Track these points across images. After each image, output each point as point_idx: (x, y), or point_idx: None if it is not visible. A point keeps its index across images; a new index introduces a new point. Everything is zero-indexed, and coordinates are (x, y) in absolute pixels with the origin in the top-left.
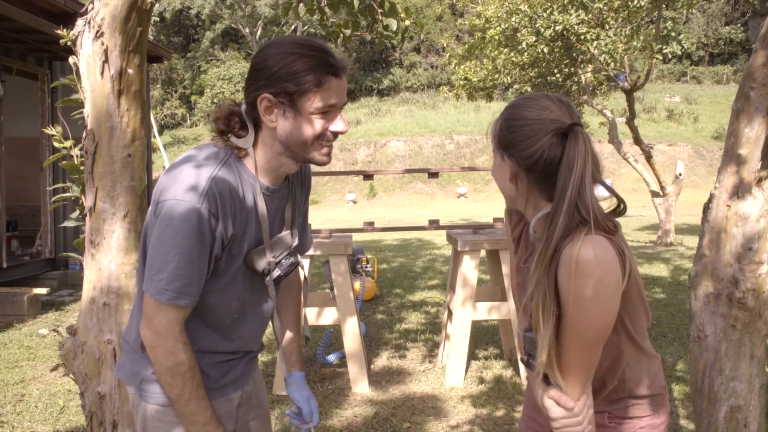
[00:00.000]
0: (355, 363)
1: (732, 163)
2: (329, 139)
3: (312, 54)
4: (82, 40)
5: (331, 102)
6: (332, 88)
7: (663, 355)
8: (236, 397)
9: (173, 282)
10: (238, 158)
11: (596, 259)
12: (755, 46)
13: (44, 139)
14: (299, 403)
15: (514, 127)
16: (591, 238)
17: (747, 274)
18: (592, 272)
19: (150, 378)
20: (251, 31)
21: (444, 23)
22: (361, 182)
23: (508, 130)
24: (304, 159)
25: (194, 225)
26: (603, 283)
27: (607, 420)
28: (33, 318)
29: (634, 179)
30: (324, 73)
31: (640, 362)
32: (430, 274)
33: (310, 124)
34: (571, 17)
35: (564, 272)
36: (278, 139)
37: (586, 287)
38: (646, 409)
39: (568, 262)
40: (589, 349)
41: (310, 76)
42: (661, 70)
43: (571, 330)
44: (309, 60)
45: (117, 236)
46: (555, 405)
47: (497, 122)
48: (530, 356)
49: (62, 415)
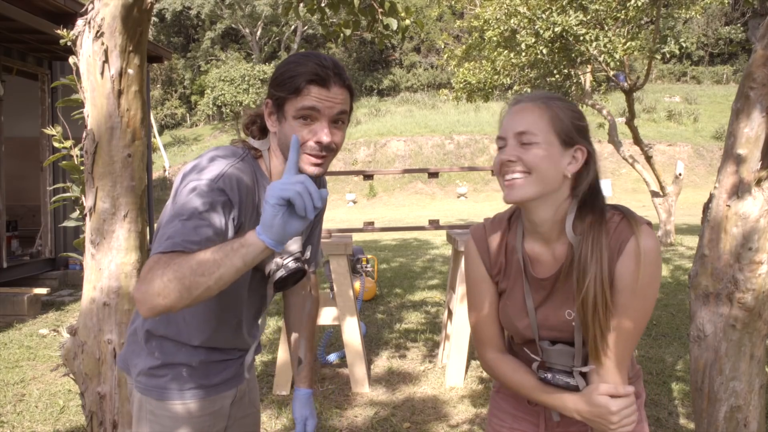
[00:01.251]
0: (355, 363)
1: (732, 163)
2: (313, 149)
3: (305, 62)
4: (82, 40)
5: (308, 105)
6: (312, 94)
7: (663, 355)
8: (230, 395)
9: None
10: (255, 159)
11: (657, 248)
12: (755, 46)
13: (44, 139)
14: (296, 421)
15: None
16: (647, 228)
17: (747, 273)
18: (655, 261)
19: (148, 371)
20: (251, 31)
21: (444, 23)
22: (361, 182)
23: (582, 120)
24: None
25: (209, 201)
26: (660, 270)
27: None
28: (33, 318)
29: (634, 179)
30: (306, 79)
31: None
32: (430, 274)
33: (292, 129)
34: (570, 18)
35: (628, 264)
36: (278, 144)
37: (651, 276)
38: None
39: (635, 253)
40: (637, 336)
41: (295, 81)
42: (661, 70)
43: (630, 322)
44: (301, 67)
45: (117, 236)
46: (610, 400)
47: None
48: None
49: (62, 415)
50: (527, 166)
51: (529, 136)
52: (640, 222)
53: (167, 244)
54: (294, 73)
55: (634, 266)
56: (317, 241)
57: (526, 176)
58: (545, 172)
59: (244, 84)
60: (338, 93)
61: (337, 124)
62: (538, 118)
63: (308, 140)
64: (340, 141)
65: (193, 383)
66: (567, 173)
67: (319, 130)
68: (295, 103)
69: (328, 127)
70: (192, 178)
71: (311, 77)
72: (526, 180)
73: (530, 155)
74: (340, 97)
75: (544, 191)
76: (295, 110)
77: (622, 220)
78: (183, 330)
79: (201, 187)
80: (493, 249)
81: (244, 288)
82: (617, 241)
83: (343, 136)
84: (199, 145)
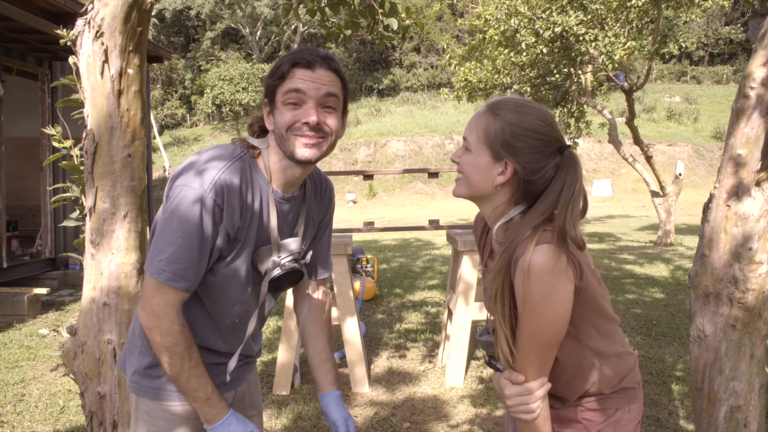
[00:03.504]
0: (355, 363)
1: (732, 163)
2: (301, 129)
3: (295, 53)
4: (82, 40)
5: (294, 87)
6: (296, 76)
7: (663, 355)
8: (228, 396)
9: (172, 264)
10: (253, 158)
11: (548, 266)
12: (755, 46)
13: (44, 139)
14: (337, 424)
15: (525, 137)
16: (543, 247)
17: (747, 274)
18: (544, 279)
19: (143, 371)
20: (251, 31)
21: (444, 23)
22: (361, 182)
23: (518, 137)
24: (290, 155)
25: (199, 212)
26: (555, 290)
27: (579, 414)
28: (33, 318)
29: (634, 179)
30: (292, 63)
31: (607, 364)
32: (430, 274)
33: (281, 115)
34: (570, 18)
35: (518, 278)
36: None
37: (539, 293)
38: (616, 402)
39: (523, 269)
40: (543, 352)
41: (281, 68)
42: (661, 70)
43: (526, 333)
44: (288, 56)
45: (117, 236)
46: (508, 384)
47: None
48: (491, 357)
49: (62, 415)
50: (459, 168)
51: (467, 142)
52: (541, 241)
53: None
54: (281, 61)
55: (520, 281)
56: (326, 248)
57: (460, 177)
58: (471, 177)
59: (243, 82)
60: (324, 75)
61: (328, 109)
62: (476, 125)
63: (295, 121)
64: (334, 125)
65: None
66: (497, 183)
67: (308, 110)
68: (282, 89)
69: (315, 108)
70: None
71: (295, 60)
72: (460, 181)
73: (462, 160)
74: (326, 78)
75: (474, 194)
76: (282, 95)
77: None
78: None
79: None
80: (479, 228)
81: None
82: (515, 255)
83: (337, 121)
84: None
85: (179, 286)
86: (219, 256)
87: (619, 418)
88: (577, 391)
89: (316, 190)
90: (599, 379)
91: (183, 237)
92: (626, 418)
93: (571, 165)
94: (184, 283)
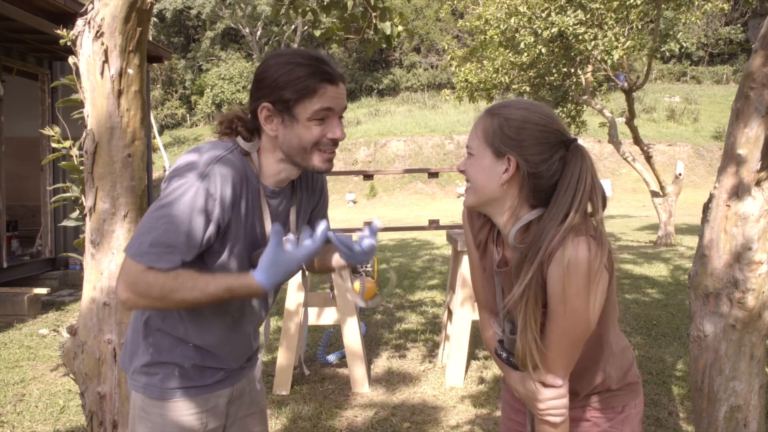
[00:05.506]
0: (355, 363)
1: (732, 164)
2: (327, 145)
3: (308, 63)
4: (82, 40)
5: (325, 106)
6: (327, 94)
7: (663, 355)
8: (225, 393)
9: (155, 247)
10: (243, 155)
11: (589, 258)
12: (755, 46)
13: (44, 139)
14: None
15: (524, 129)
16: (582, 240)
17: (747, 274)
18: (584, 272)
19: (139, 368)
20: (251, 31)
21: (444, 23)
22: (361, 182)
23: (516, 130)
24: (305, 166)
25: (190, 201)
26: (594, 282)
27: (587, 413)
28: (33, 318)
29: (634, 179)
30: (319, 80)
31: (617, 357)
32: (430, 274)
33: (307, 130)
34: (569, 18)
35: (556, 273)
36: (279, 147)
37: (578, 286)
38: (622, 399)
39: (562, 263)
40: (573, 346)
41: (306, 83)
42: (661, 70)
43: (559, 328)
44: (305, 68)
45: (117, 236)
46: (542, 387)
47: (494, 119)
48: (511, 355)
49: (62, 415)
50: (467, 177)
51: (469, 148)
52: (579, 233)
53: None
54: (300, 74)
55: (558, 276)
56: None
57: (469, 186)
58: (477, 180)
59: (243, 81)
60: (342, 88)
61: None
62: (476, 129)
63: (322, 137)
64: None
65: (185, 382)
66: (502, 182)
67: (334, 126)
68: (309, 105)
69: (340, 123)
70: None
71: (324, 76)
72: (469, 191)
73: (468, 167)
74: (344, 91)
75: (484, 200)
76: (312, 112)
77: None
78: (179, 325)
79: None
80: (478, 224)
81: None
82: (551, 249)
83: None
84: None
85: (161, 266)
86: (210, 248)
87: (627, 414)
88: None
89: (307, 179)
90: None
91: (168, 223)
92: (633, 413)
93: (579, 156)
94: (167, 263)
